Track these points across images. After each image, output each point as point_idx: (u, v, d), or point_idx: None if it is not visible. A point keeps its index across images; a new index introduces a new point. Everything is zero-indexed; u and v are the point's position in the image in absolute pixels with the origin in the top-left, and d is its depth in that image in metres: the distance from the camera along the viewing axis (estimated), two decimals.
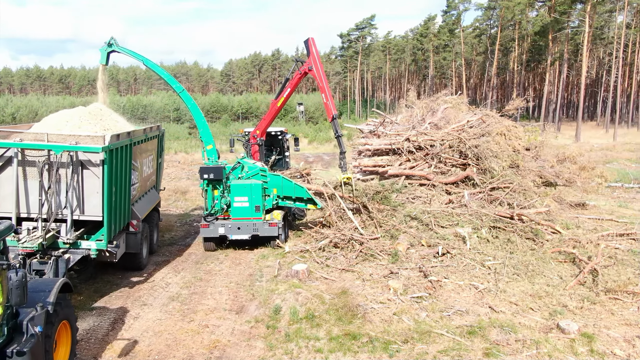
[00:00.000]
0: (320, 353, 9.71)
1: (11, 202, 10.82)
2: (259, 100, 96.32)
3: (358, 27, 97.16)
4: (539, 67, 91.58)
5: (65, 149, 10.47)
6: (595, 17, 58.94)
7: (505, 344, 10.00)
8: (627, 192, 26.76)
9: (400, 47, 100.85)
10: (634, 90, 69.87)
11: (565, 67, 66.46)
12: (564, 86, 68.12)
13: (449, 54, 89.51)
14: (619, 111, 61.36)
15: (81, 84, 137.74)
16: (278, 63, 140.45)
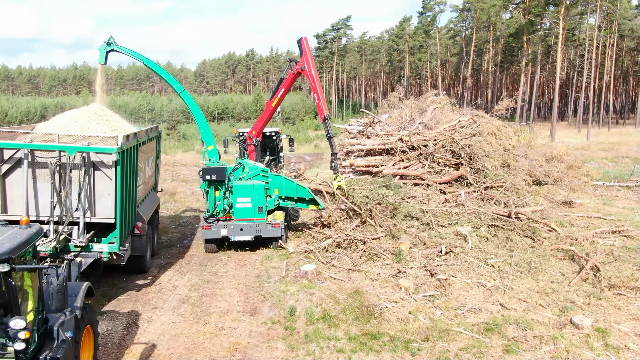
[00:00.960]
0: (343, 353, 9.72)
1: (21, 205, 10.54)
2: (235, 101, 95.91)
3: (334, 28, 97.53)
4: (511, 68, 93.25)
5: (79, 149, 10.24)
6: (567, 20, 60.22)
7: (523, 340, 10.15)
8: (608, 190, 27.38)
9: (375, 47, 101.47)
10: (604, 91, 71.62)
11: (539, 68, 67.80)
12: (538, 87, 69.43)
13: (424, 55, 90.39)
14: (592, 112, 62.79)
15: (51, 84, 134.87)
16: (252, 63, 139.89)
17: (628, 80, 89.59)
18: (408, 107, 27.14)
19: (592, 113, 62.41)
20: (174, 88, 15.60)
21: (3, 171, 10.36)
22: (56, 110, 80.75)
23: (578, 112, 71.19)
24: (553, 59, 79.87)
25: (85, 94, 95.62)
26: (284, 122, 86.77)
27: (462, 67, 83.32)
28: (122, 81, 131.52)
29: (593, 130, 64.53)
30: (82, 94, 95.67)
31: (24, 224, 7.14)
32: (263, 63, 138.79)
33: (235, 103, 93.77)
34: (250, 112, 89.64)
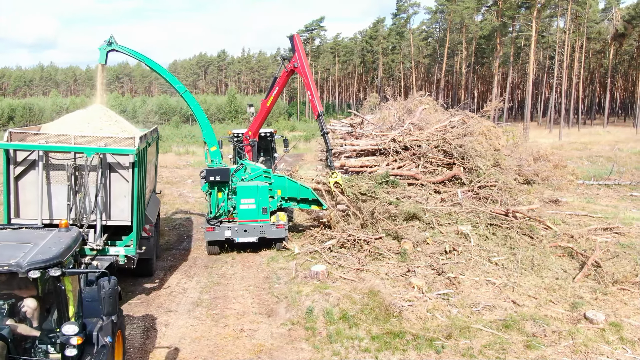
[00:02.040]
0: (368, 352, 9.75)
1: (35, 208, 10.27)
2: (209, 102, 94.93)
3: (307, 29, 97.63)
4: (481, 69, 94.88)
5: (98, 151, 10.03)
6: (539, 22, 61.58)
7: (542, 335, 10.35)
8: (589, 189, 28.06)
9: (349, 49, 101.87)
10: (574, 92, 73.40)
11: (511, 69, 69.18)
12: (510, 88, 70.77)
13: (397, 56, 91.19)
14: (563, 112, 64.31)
15: (17, 84, 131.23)
16: (224, 64, 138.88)
17: (594, 81, 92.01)
18: (395, 108, 27.43)
19: (563, 114, 63.90)
20: (176, 88, 15.41)
21: (16, 174, 10.07)
22: (24, 111, 78.75)
23: (548, 112, 72.85)
24: (523, 60, 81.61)
25: (55, 94, 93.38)
26: None
27: (436, 69, 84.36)
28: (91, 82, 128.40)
29: (564, 131, 66.08)
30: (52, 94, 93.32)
31: (64, 227, 6.98)
32: (235, 64, 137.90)
33: (209, 104, 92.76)
34: (225, 113, 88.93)
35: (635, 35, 75.57)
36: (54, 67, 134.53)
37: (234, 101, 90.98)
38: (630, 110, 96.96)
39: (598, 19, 75.47)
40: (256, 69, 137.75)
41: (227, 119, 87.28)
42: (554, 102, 69.74)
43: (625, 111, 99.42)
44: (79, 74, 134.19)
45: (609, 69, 78.05)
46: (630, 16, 71.10)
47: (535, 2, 56.97)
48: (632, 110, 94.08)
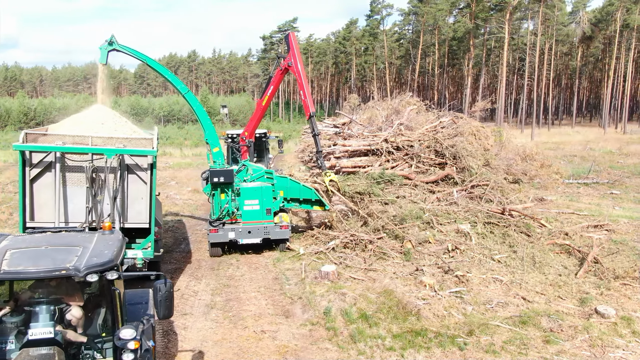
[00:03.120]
0: (393, 351, 9.83)
1: (50, 211, 10.02)
2: (181, 103, 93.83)
3: (280, 30, 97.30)
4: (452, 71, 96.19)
5: (118, 152, 9.85)
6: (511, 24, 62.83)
7: (559, 330, 10.59)
8: (569, 188, 28.78)
9: (322, 50, 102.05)
10: (543, 93, 75.07)
11: (484, 71, 70.35)
12: (483, 89, 71.97)
13: (370, 57, 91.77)
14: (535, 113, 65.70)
15: None
16: (194, 65, 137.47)
17: (561, 83, 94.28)
18: (383, 108, 27.61)
19: (535, 114, 65.32)
20: (178, 89, 15.20)
21: (32, 176, 9.81)
22: None
23: (519, 113, 74.36)
24: (493, 62, 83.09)
25: (22, 95, 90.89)
26: (232, 123, 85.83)
27: (410, 70, 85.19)
28: (58, 82, 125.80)
29: (534, 131, 67.53)
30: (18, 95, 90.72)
31: (107, 230, 6.86)
32: (206, 64, 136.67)
33: (182, 105, 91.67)
34: None
35: (600, 38, 77.72)
36: (19, 67, 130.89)
37: (206, 102, 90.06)
38: (596, 111, 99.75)
39: (566, 22, 77.40)
40: (227, 69, 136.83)
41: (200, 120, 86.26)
42: (525, 103, 71.24)
43: (591, 112, 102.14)
44: (45, 75, 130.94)
45: (576, 70, 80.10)
46: (597, 19, 73.06)
47: (508, 5, 58.07)
48: (598, 111, 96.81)
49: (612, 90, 71.69)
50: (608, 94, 70.04)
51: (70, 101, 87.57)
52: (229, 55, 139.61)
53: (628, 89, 71.39)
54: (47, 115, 78.60)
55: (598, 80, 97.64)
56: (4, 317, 6.19)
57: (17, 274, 5.61)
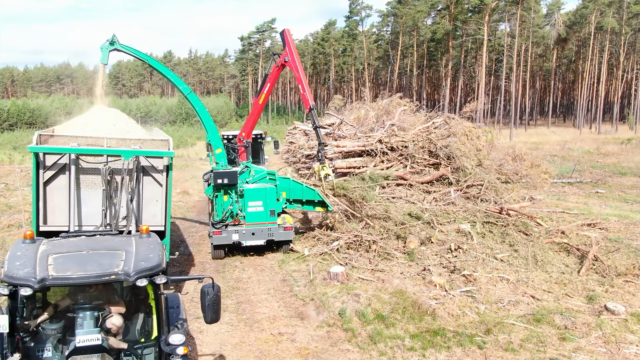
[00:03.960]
0: (414, 351, 9.85)
1: (63, 214, 9.77)
2: (158, 104, 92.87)
3: (258, 30, 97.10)
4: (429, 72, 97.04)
5: (136, 153, 9.65)
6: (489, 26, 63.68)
7: (573, 328, 10.74)
8: (554, 187, 29.25)
9: (300, 50, 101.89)
10: (520, 93, 76.24)
11: (462, 72, 71.16)
12: (462, 89, 72.78)
13: (349, 58, 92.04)
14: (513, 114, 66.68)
15: None
16: (170, 65, 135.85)
17: (536, 84, 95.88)
18: (374, 109, 27.71)
19: (512, 115, 66.30)
20: (180, 89, 14.99)
21: (45, 178, 9.56)
22: None
23: (496, 114, 75.40)
24: (470, 63, 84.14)
25: None
26: None
27: (389, 71, 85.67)
28: (30, 83, 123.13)
29: (513, 132, 68.55)
30: None
31: (145, 233, 6.72)
32: (182, 65, 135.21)
33: (159, 106, 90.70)
34: (176, 115, 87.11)
35: (574, 40, 79.30)
36: None
37: (184, 103, 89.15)
38: (568, 112, 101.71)
39: (541, 24, 78.77)
40: (204, 70, 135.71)
41: (178, 121, 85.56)
42: (502, 104, 72.28)
43: (564, 113, 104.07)
44: (16, 75, 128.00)
45: (551, 72, 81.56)
46: (571, 22, 74.57)
47: (487, 7, 58.84)
48: (571, 111, 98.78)
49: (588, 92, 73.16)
50: (584, 95, 71.47)
51: (45, 102, 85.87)
52: (205, 56, 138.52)
53: (602, 90, 72.94)
54: (20, 117, 76.91)
55: (571, 82, 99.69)
56: (43, 325, 6.02)
57: (67, 280, 5.45)
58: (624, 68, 78.71)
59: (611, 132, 69.22)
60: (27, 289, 5.25)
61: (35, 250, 6.01)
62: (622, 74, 77.86)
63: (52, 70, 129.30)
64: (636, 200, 25.88)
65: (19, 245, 6.09)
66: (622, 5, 68.03)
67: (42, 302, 6.36)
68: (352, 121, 29.34)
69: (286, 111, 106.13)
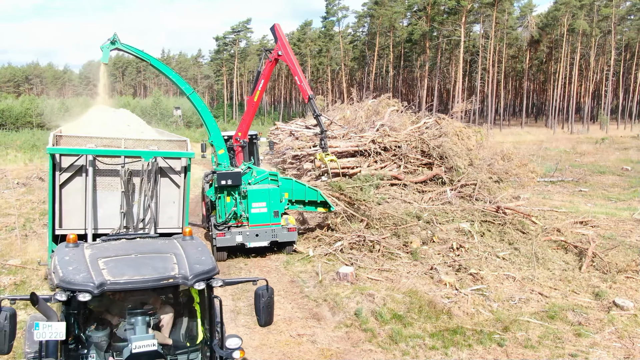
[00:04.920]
0: (436, 350, 9.89)
1: (78, 217, 9.52)
2: (132, 104, 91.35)
3: (234, 31, 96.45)
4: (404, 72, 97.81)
5: (156, 154, 9.45)
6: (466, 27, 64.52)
7: (587, 323, 10.93)
8: (538, 186, 29.78)
9: None
10: (495, 94, 77.43)
11: (438, 73, 71.94)
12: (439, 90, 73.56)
13: (325, 59, 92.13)
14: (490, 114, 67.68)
15: None
16: (142, 66, 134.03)
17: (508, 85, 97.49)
18: (364, 110, 27.75)
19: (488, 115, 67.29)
20: (182, 89, 14.80)
21: (62, 181, 9.30)
22: None
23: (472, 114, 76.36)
24: (444, 64, 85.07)
25: None
26: (187, 125, 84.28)
27: (365, 71, 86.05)
28: None
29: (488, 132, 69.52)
30: None
31: (188, 236, 6.61)
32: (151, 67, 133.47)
33: (133, 107, 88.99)
34: (150, 116, 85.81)
35: (546, 42, 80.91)
36: None
37: (159, 104, 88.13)
38: (539, 112, 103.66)
39: (515, 26, 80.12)
40: (177, 70, 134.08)
41: (153, 122, 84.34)
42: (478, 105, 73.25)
43: (536, 113, 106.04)
44: None
45: (525, 73, 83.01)
46: (544, 23, 76.04)
47: (464, 9, 59.59)
48: (542, 112, 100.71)
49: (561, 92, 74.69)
50: (557, 95, 72.96)
51: (15, 103, 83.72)
52: (179, 56, 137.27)
53: (574, 91, 74.57)
54: None
55: (542, 83, 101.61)
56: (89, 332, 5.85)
57: (125, 284, 5.30)
58: (593, 69, 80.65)
59: (583, 131, 70.80)
60: (86, 295, 5.08)
61: (82, 254, 5.84)
62: (592, 75, 79.78)
63: (21, 70, 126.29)
64: (619, 198, 26.57)
65: (64, 250, 5.91)
66: (592, 8, 69.66)
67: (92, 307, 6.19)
68: (338, 121, 29.36)
69: (262, 112, 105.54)
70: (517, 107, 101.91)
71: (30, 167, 35.92)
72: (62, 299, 5.08)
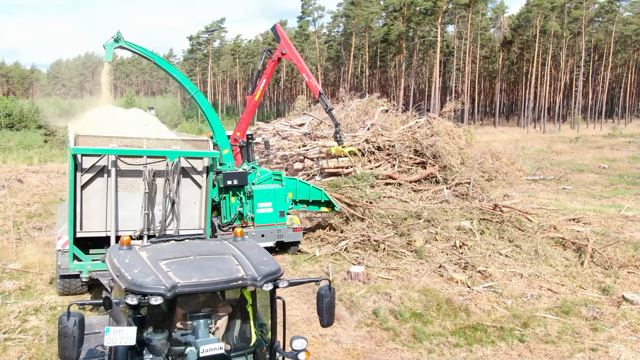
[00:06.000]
0: (460, 347, 9.96)
1: (98, 220, 9.27)
2: None
3: (207, 30, 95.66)
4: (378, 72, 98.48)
5: (181, 154, 9.26)
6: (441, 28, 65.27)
7: (601, 318, 11.15)
8: (521, 184, 30.24)
9: (250, 51, 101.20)
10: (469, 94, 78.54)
11: (413, 72, 72.59)
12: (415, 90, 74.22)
13: None
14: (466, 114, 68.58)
15: None
16: (113, 65, 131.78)
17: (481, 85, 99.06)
18: (353, 109, 27.78)
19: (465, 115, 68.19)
20: (186, 88, 14.58)
21: (83, 182, 9.05)
22: None
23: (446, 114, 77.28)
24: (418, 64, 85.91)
25: None
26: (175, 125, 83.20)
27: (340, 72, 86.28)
28: None
29: None
30: None
31: (239, 237, 6.52)
32: (125, 65, 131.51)
33: None
34: None
35: (518, 43, 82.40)
36: None
37: (132, 104, 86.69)
38: (510, 112, 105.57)
39: (488, 27, 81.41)
40: (148, 70, 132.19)
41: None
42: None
43: (507, 113, 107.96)
44: None
45: (498, 74, 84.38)
46: (516, 25, 77.43)
47: (440, 10, 60.26)
48: (513, 111, 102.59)
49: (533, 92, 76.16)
50: (531, 95, 74.36)
51: None
52: None
53: (546, 91, 76.13)
54: None
55: (513, 83, 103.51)
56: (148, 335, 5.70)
57: (197, 286, 5.16)
58: (563, 70, 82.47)
59: (555, 131, 72.37)
60: (158, 298, 4.93)
61: (140, 256, 5.68)
62: (562, 75, 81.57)
63: None
64: (603, 195, 27.19)
65: (120, 252, 5.73)
66: (563, 10, 71.23)
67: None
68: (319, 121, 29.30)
69: (235, 111, 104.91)
70: (489, 107, 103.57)
71: (4, 168, 34.93)
72: (133, 302, 4.92)
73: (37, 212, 21.98)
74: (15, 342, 9.60)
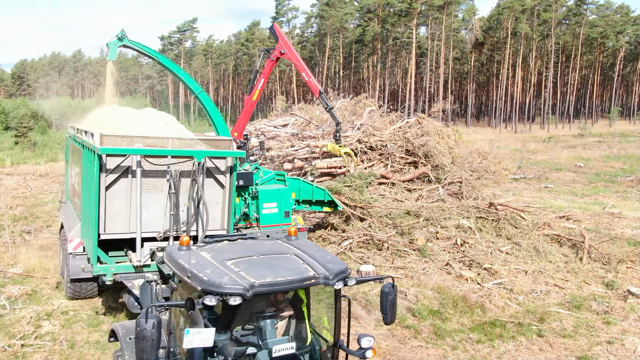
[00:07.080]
0: (482, 343, 10.09)
1: (122, 221, 9.08)
2: (74, 105, 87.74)
3: (179, 30, 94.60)
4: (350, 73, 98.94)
5: (208, 154, 9.12)
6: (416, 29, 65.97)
7: (612, 312, 11.45)
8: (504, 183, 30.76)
9: (222, 51, 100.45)
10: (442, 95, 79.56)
11: (387, 73, 73.15)
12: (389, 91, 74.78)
13: None
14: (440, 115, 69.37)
15: None
16: (80, 65, 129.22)
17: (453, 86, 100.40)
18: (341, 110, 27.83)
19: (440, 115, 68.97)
20: (191, 88, 14.39)
21: (108, 183, 8.84)
22: None
23: None
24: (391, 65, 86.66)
25: None
26: None
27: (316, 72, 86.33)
28: None
29: None
30: None
31: (293, 236, 6.50)
32: (93, 65, 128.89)
33: (75, 108, 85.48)
34: None
35: (489, 45, 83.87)
36: None
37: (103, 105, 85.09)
38: (479, 112, 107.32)
39: (460, 28, 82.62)
40: (117, 70, 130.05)
41: None
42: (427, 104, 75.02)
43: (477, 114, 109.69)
44: None
45: (470, 75, 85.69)
46: (487, 26, 78.79)
47: (415, 11, 60.89)
48: (483, 112, 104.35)
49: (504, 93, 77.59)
50: (502, 96, 75.72)
51: None
52: (118, 55, 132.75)
53: (518, 92, 77.66)
54: None
55: (483, 84, 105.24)
56: None
57: (273, 286, 5.12)
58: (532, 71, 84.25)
59: (526, 131, 73.92)
60: (237, 298, 4.86)
61: (204, 257, 5.60)
62: (532, 76, 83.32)
63: None
64: (584, 193, 27.89)
65: (183, 253, 5.63)
66: (533, 12, 72.78)
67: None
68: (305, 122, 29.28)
69: None
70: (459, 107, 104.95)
71: None
72: (211, 303, 4.84)
73: (22, 215, 21.36)
74: (34, 349, 9.33)
